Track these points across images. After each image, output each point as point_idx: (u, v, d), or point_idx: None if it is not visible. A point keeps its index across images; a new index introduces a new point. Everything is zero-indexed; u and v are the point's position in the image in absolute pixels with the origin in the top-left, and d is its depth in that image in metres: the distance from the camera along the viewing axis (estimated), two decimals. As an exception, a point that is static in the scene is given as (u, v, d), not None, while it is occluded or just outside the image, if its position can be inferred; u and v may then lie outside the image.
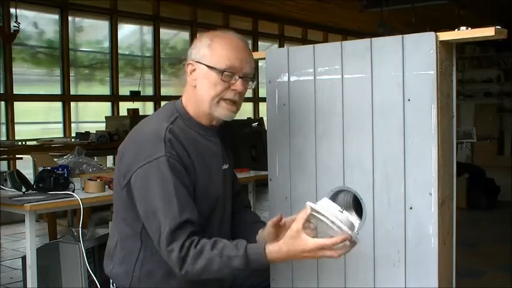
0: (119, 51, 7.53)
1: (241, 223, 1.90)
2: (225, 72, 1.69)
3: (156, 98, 8.04)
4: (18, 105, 6.52)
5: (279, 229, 1.63)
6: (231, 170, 1.91)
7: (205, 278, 1.58)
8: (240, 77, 1.71)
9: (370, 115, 1.78)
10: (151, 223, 1.59)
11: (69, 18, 6.97)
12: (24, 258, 2.75)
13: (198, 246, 1.54)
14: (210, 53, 1.70)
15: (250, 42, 9.66)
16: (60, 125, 6.99)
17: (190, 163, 1.66)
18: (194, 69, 1.73)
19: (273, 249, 1.52)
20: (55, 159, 3.53)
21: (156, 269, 1.70)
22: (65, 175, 2.83)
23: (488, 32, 1.62)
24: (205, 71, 1.70)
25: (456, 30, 1.68)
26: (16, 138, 6.34)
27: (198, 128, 1.75)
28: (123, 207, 1.72)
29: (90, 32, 7.60)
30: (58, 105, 7.01)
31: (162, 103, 8.06)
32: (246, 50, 1.76)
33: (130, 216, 1.70)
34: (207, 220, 1.71)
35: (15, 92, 6.43)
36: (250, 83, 1.78)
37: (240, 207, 1.97)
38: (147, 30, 8.05)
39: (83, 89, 7.43)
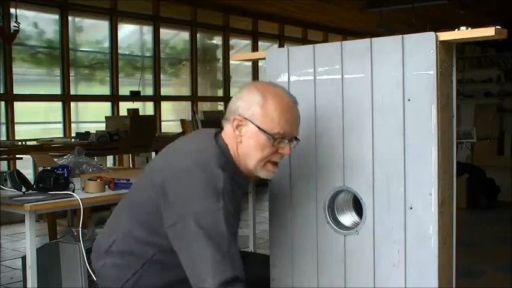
0: (119, 51, 7.53)
1: None
2: (277, 137, 1.65)
3: (156, 98, 8.04)
4: (18, 105, 6.52)
5: None
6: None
7: None
8: (289, 141, 1.68)
9: (370, 115, 1.78)
10: (198, 268, 1.51)
11: (69, 18, 6.97)
12: (24, 258, 2.75)
13: None
14: (263, 114, 1.64)
15: (250, 42, 9.68)
16: (60, 125, 6.98)
17: (234, 215, 1.62)
18: (241, 125, 1.67)
19: None
20: (55, 159, 3.53)
21: (151, 286, 1.68)
22: (65, 175, 2.82)
23: (488, 32, 1.62)
24: (255, 131, 1.65)
25: (456, 30, 1.68)
26: (16, 138, 6.34)
27: (239, 178, 1.71)
28: (143, 229, 1.67)
29: (90, 32, 7.60)
30: (58, 105, 7.01)
31: (162, 103, 8.07)
32: (296, 111, 1.71)
33: (147, 240, 1.65)
34: None
35: (15, 92, 6.43)
36: (295, 142, 1.73)
37: None
38: (147, 30, 8.04)
39: (83, 89, 7.43)
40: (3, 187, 2.87)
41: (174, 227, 1.56)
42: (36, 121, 7.18)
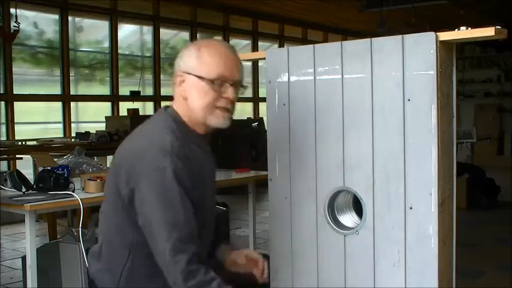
0: (119, 51, 7.53)
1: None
2: (216, 82, 1.68)
3: (156, 98, 8.04)
4: (18, 105, 6.52)
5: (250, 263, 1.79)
6: (214, 174, 1.92)
7: None
8: (230, 85, 1.70)
9: (370, 115, 1.78)
10: (154, 231, 1.58)
11: (69, 18, 6.97)
12: (24, 258, 2.75)
13: (208, 276, 1.56)
14: (199, 63, 1.69)
15: (250, 42, 9.69)
16: (60, 125, 6.98)
17: (192, 177, 1.65)
18: (183, 80, 1.72)
19: None
20: (55, 159, 3.53)
21: (144, 274, 1.69)
22: (65, 175, 2.83)
23: (488, 32, 1.62)
24: (195, 81, 1.69)
25: (456, 30, 1.68)
26: (16, 138, 6.34)
27: (195, 137, 1.74)
28: (116, 212, 1.70)
29: (90, 32, 7.60)
30: (58, 105, 7.01)
31: (162, 103, 8.06)
32: (234, 57, 1.74)
33: (123, 223, 1.68)
34: (201, 230, 1.71)
35: (15, 92, 6.43)
36: (241, 89, 1.76)
37: None
38: (147, 30, 8.05)
39: (82, 89, 7.43)
40: (3, 187, 2.87)
41: (132, 193, 1.62)
42: (36, 121, 7.18)
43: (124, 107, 7.19)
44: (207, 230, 1.81)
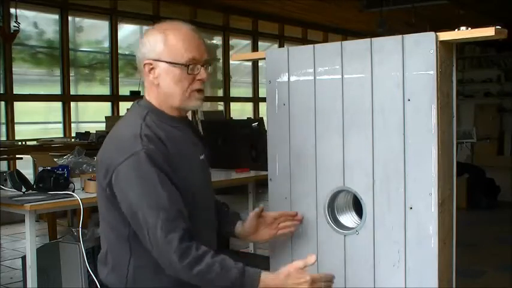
0: (119, 51, 7.53)
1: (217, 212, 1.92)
2: (189, 65, 1.67)
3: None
4: (18, 105, 6.52)
5: (259, 221, 1.86)
6: (207, 161, 1.89)
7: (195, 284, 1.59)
8: (202, 66, 1.70)
9: (370, 115, 1.78)
10: (140, 219, 1.57)
11: (69, 18, 6.97)
12: (24, 258, 2.75)
13: (200, 250, 1.55)
14: (168, 49, 1.68)
15: (250, 42, 9.69)
16: (60, 125, 6.99)
17: (169, 155, 1.64)
18: (152, 68, 1.71)
19: (269, 274, 1.61)
20: (55, 159, 3.53)
21: (149, 269, 1.69)
22: (65, 175, 2.83)
23: (488, 32, 1.62)
24: (167, 67, 1.68)
25: (456, 30, 1.68)
26: (16, 138, 6.34)
27: (170, 120, 1.73)
28: (107, 211, 1.70)
29: (90, 32, 7.60)
30: (58, 105, 7.01)
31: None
32: (200, 38, 1.73)
33: (115, 219, 1.68)
34: (192, 210, 1.70)
35: (15, 92, 6.43)
36: (210, 67, 1.76)
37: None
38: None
39: (82, 89, 7.43)
40: (3, 187, 2.87)
41: (110, 184, 1.61)
42: (36, 121, 7.18)
43: (124, 107, 7.20)
44: (208, 212, 1.80)
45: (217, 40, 9.23)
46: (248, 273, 1.57)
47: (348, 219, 1.91)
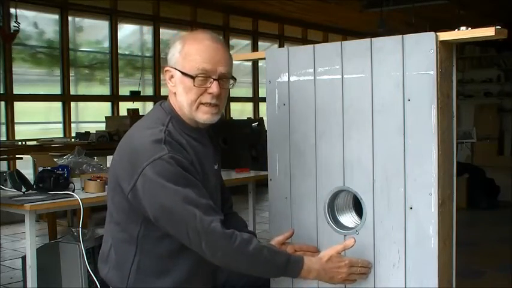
0: (119, 51, 7.53)
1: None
2: (198, 77, 1.66)
3: (156, 98, 8.04)
4: (18, 105, 6.52)
5: (280, 246, 1.82)
6: (220, 169, 1.92)
7: (240, 271, 1.64)
8: (215, 79, 1.68)
9: (370, 115, 1.78)
10: (175, 217, 1.57)
11: (69, 18, 6.98)
12: (24, 258, 2.75)
13: (244, 235, 1.59)
14: (182, 58, 1.68)
15: (250, 42, 9.68)
16: (60, 125, 6.99)
17: (191, 161, 1.66)
18: (172, 76, 1.72)
19: (312, 258, 1.69)
20: (55, 159, 3.53)
21: (152, 271, 1.69)
22: (65, 175, 2.83)
23: (488, 32, 1.62)
24: (180, 76, 1.69)
25: (456, 30, 1.68)
26: (16, 138, 6.34)
27: (189, 130, 1.74)
28: (120, 212, 1.70)
29: (90, 32, 7.60)
30: (58, 105, 7.01)
31: (162, 103, 8.06)
32: (219, 50, 1.71)
33: (127, 220, 1.68)
34: None
35: (15, 92, 6.44)
36: (232, 81, 1.74)
37: (228, 210, 1.99)
38: (147, 30, 8.05)
39: (82, 89, 7.43)
40: (3, 187, 2.87)
41: (135, 188, 1.60)
42: (36, 121, 7.18)
43: (124, 107, 7.20)
44: None
45: (217, 40, 9.22)
46: (294, 258, 1.64)
47: (348, 219, 1.91)
